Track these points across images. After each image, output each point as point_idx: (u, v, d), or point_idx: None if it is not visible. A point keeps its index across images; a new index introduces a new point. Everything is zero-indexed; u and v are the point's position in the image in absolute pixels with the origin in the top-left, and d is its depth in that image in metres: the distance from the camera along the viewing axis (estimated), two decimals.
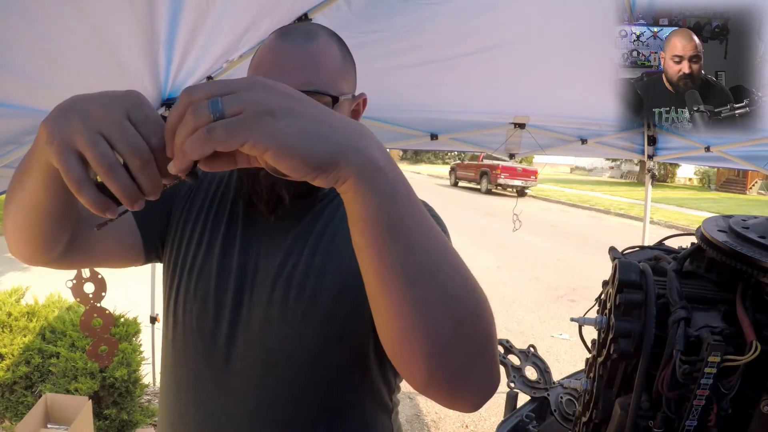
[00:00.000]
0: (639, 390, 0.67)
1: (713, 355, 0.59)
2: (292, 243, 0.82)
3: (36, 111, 1.68)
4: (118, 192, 0.44)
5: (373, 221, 0.46)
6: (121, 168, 0.44)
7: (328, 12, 2.20)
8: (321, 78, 0.75)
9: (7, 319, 2.98)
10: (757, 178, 21.07)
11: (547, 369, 1.50)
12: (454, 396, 0.54)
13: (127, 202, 0.44)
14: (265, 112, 0.40)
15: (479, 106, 3.11)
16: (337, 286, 0.78)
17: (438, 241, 0.50)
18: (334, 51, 0.78)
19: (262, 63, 0.76)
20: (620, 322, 0.70)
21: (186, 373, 0.83)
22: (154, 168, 0.44)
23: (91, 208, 0.45)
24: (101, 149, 0.43)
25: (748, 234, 0.68)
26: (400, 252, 0.47)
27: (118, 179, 0.43)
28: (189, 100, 0.41)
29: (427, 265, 0.48)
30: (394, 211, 0.46)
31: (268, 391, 0.78)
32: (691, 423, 0.62)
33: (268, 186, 0.78)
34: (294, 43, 0.75)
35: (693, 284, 0.72)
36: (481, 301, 0.53)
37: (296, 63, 0.74)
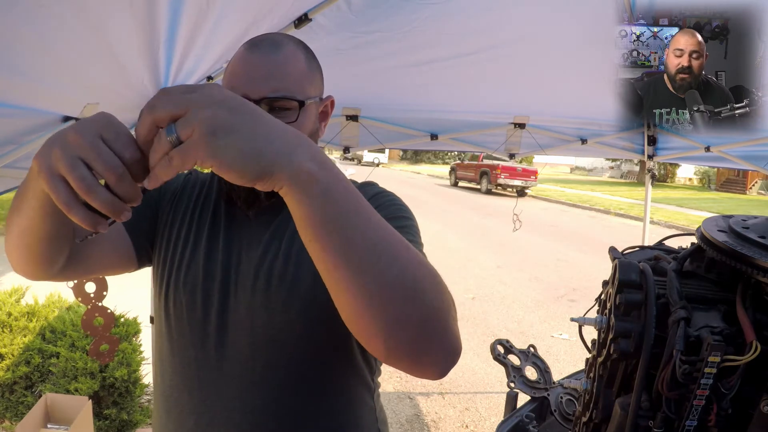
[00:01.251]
0: (639, 390, 0.67)
1: (713, 355, 0.59)
2: (272, 236, 0.88)
3: (36, 111, 1.68)
4: (101, 208, 0.49)
5: (310, 221, 0.52)
6: (98, 186, 0.49)
7: (328, 12, 2.20)
8: (287, 84, 0.82)
9: (7, 319, 2.98)
10: (757, 178, 21.08)
11: (547, 369, 1.50)
12: (416, 366, 0.60)
13: (113, 215, 0.50)
14: (210, 132, 0.47)
15: (479, 106, 3.11)
16: (314, 273, 0.79)
17: (377, 232, 0.55)
18: (300, 59, 0.85)
19: (234, 74, 0.83)
20: (620, 322, 0.70)
21: (179, 362, 0.89)
22: (129, 179, 0.50)
23: (82, 225, 0.50)
24: (78, 172, 0.49)
25: (748, 234, 0.68)
26: (339, 246, 0.53)
27: (99, 196, 0.49)
28: (152, 119, 0.48)
29: (367, 255, 0.54)
30: (328, 212, 0.52)
31: (255, 373, 0.84)
32: (691, 423, 0.62)
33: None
34: (261, 53, 0.82)
35: (693, 284, 0.72)
36: (427, 277, 0.58)
37: (264, 72, 0.81)
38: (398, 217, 0.87)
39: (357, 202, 0.55)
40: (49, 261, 0.75)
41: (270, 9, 2.10)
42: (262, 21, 2.15)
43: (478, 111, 3.14)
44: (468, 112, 3.14)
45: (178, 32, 1.90)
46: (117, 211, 0.50)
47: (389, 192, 0.95)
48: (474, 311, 5.60)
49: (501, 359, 1.47)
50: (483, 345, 4.63)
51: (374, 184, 0.98)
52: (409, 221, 0.88)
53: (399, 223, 0.84)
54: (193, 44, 2.06)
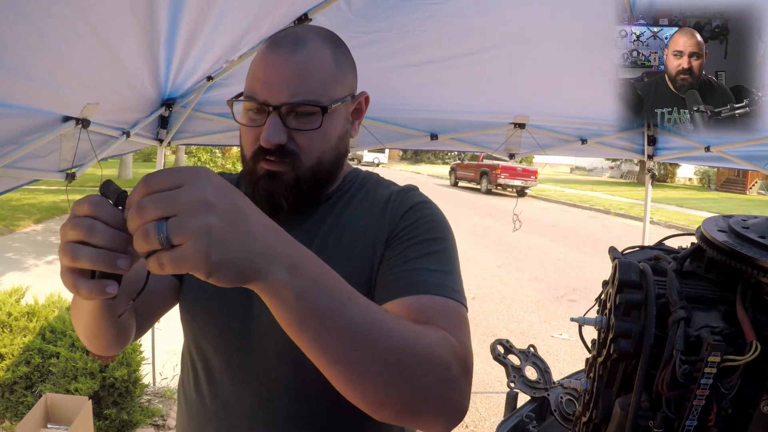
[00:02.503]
0: (639, 390, 0.66)
1: (713, 355, 0.59)
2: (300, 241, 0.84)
3: (36, 111, 1.68)
4: (90, 264, 0.50)
5: (283, 321, 0.55)
6: (82, 246, 0.50)
7: (328, 12, 2.20)
8: (309, 87, 0.77)
9: (7, 319, 2.98)
10: (757, 178, 21.08)
11: (547, 369, 1.50)
12: (414, 427, 0.63)
13: (108, 267, 0.50)
14: (205, 248, 0.47)
15: (479, 106, 3.11)
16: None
17: (355, 327, 0.56)
18: (325, 56, 0.80)
19: (254, 78, 0.80)
20: (620, 322, 0.70)
21: (201, 367, 0.87)
22: (103, 230, 0.51)
23: (95, 296, 0.51)
24: (64, 249, 0.51)
25: (748, 234, 0.68)
26: (313, 343, 0.56)
27: (83, 253, 0.50)
28: (142, 222, 0.47)
29: (344, 350, 0.56)
30: (301, 315, 0.54)
31: (277, 384, 0.82)
32: (691, 423, 0.62)
33: (267, 195, 0.81)
34: (280, 54, 0.78)
35: (693, 284, 0.72)
36: (414, 359, 0.59)
37: (282, 76, 0.77)
38: (430, 240, 0.80)
39: (334, 301, 0.56)
40: (122, 341, 0.81)
41: (270, 9, 2.10)
42: (262, 21, 2.15)
43: (478, 111, 3.14)
44: (468, 112, 3.14)
45: (178, 32, 1.90)
46: (109, 263, 0.50)
47: (429, 204, 0.87)
48: (474, 311, 5.60)
49: (501, 359, 1.47)
50: (483, 345, 4.63)
51: (414, 192, 0.90)
52: (443, 244, 0.81)
53: (429, 248, 0.79)
54: (193, 44, 2.06)
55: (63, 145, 1.94)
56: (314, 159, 0.81)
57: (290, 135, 0.79)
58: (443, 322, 0.68)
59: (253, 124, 0.81)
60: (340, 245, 0.83)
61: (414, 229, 0.81)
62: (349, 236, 0.84)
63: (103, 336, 0.77)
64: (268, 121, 0.77)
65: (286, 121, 0.78)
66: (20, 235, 8.19)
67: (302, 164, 0.80)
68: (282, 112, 0.77)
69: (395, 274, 0.76)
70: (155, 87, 2.37)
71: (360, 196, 0.89)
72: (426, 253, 0.78)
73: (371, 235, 0.83)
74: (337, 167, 0.87)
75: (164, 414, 3.30)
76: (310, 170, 0.81)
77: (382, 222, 0.84)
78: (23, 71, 1.41)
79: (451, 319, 0.70)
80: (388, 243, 0.81)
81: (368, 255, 0.82)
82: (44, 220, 9.40)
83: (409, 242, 0.79)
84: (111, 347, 0.81)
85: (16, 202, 10.59)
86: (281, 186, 0.80)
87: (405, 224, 0.82)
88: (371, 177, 0.94)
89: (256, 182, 0.82)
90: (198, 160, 10.53)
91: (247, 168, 0.84)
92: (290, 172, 0.80)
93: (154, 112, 2.61)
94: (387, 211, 0.85)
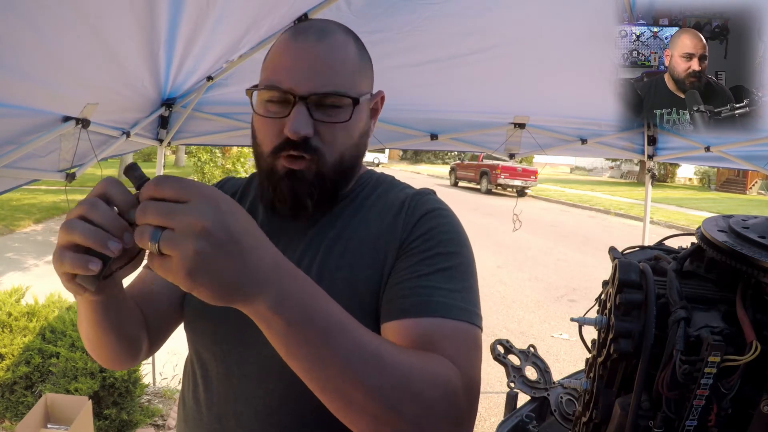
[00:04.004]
0: (639, 390, 0.66)
1: (713, 355, 0.59)
2: (307, 246, 0.81)
3: (36, 111, 1.68)
4: (83, 239, 0.52)
5: (272, 342, 0.56)
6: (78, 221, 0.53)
7: (328, 12, 2.20)
8: (338, 79, 0.74)
9: (7, 319, 2.98)
10: (757, 178, 21.07)
11: (547, 369, 1.50)
12: None
13: (99, 246, 0.52)
14: (187, 269, 0.49)
15: (479, 106, 3.11)
16: (349, 291, 0.76)
17: (343, 357, 0.56)
18: (352, 49, 0.77)
19: (276, 65, 0.74)
20: (620, 322, 0.70)
21: (201, 375, 0.84)
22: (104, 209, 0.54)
23: (77, 269, 0.53)
24: (63, 227, 0.53)
25: (748, 234, 0.68)
26: (300, 369, 0.57)
27: (78, 226, 0.52)
28: (142, 220, 0.50)
29: (330, 378, 0.57)
30: (288, 343, 0.56)
31: (275, 397, 0.78)
32: (691, 423, 0.62)
33: (291, 195, 0.77)
34: (308, 42, 0.73)
35: (693, 284, 0.72)
36: (408, 392, 0.59)
37: (311, 64, 0.72)
38: (444, 254, 0.75)
39: (323, 333, 0.56)
40: (132, 354, 0.79)
41: (270, 9, 2.10)
42: (262, 21, 2.15)
43: (478, 111, 3.14)
44: (468, 112, 3.14)
45: (178, 32, 1.90)
46: (101, 242, 0.52)
47: (445, 212, 0.81)
48: None
49: (501, 359, 1.47)
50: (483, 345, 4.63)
51: (430, 196, 0.84)
52: (457, 258, 0.76)
53: (443, 263, 0.74)
54: (193, 44, 2.06)
55: (63, 145, 1.94)
56: (337, 155, 0.77)
57: (315, 128, 0.74)
58: (450, 349, 0.67)
59: (273, 116, 0.75)
60: (347, 253, 0.79)
61: (427, 240, 0.76)
62: (358, 243, 0.79)
63: (106, 346, 0.75)
64: (295, 111, 0.72)
65: (312, 113, 0.73)
66: (20, 235, 8.19)
67: (325, 160, 0.76)
68: (309, 103, 0.73)
69: (405, 290, 0.72)
70: (155, 87, 2.37)
71: (372, 200, 0.84)
72: (439, 269, 0.73)
73: (382, 242, 0.78)
74: (356, 166, 0.84)
75: (164, 414, 3.30)
76: (331, 167, 0.77)
77: (394, 228, 0.79)
78: (23, 71, 1.41)
79: (458, 345, 0.68)
80: (400, 252, 0.77)
81: (378, 263, 0.77)
82: (44, 220, 9.39)
83: (422, 255, 0.75)
84: (118, 359, 0.78)
85: (16, 202, 10.58)
86: (305, 184, 0.76)
87: (418, 233, 0.77)
88: (385, 179, 0.89)
89: (278, 182, 0.77)
90: (198, 160, 10.51)
91: (266, 165, 0.78)
92: (311, 168, 0.76)
93: (154, 112, 2.61)
94: (400, 217, 0.80)
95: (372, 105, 0.84)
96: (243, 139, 3.24)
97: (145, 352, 0.83)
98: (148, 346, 0.83)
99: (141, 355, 0.82)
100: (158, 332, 0.85)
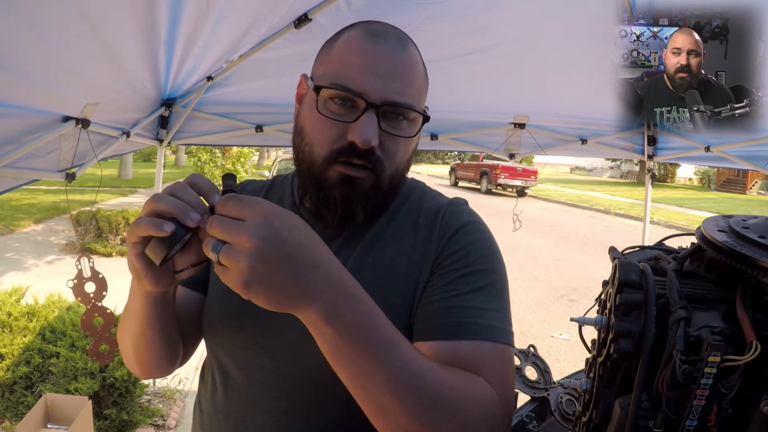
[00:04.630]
0: (639, 390, 0.66)
1: (713, 355, 0.59)
2: (337, 252, 0.76)
3: (36, 111, 1.68)
4: (168, 209, 0.57)
5: (320, 346, 0.60)
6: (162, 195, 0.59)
7: (328, 12, 2.20)
8: (411, 92, 0.72)
9: (7, 319, 2.98)
10: (757, 178, 21.08)
11: (547, 369, 1.50)
12: None
13: (183, 215, 0.57)
14: (243, 282, 0.53)
15: (479, 106, 3.11)
16: (381, 300, 0.72)
17: (387, 372, 0.59)
18: (421, 64, 0.76)
19: (350, 64, 0.71)
20: (620, 322, 0.70)
21: (220, 381, 0.83)
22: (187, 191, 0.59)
23: (152, 230, 0.56)
24: (150, 200, 0.59)
25: (748, 234, 0.68)
26: (344, 376, 0.60)
27: (162, 199, 0.58)
28: (209, 231, 0.56)
29: (372, 390, 0.60)
30: (336, 352, 0.59)
31: (297, 406, 0.76)
32: (691, 423, 0.62)
33: (344, 203, 0.74)
34: (387, 47, 0.71)
35: (693, 284, 0.72)
36: (446, 411, 0.61)
37: (391, 70, 0.70)
38: (480, 271, 0.74)
39: (371, 347, 0.59)
40: (171, 358, 0.80)
41: (270, 9, 2.09)
42: (262, 21, 2.15)
43: (478, 111, 3.14)
44: (468, 112, 3.14)
45: (178, 32, 1.89)
46: (184, 211, 0.57)
47: (479, 226, 0.81)
48: None
49: None
50: None
51: (464, 207, 0.83)
52: (493, 276, 0.75)
53: (479, 282, 0.73)
54: (193, 44, 2.06)
55: (63, 145, 1.94)
56: (394, 168, 0.75)
57: (380, 138, 0.71)
58: (487, 371, 0.68)
59: (337, 117, 0.71)
60: (381, 265, 0.77)
61: (463, 258, 0.75)
62: (391, 255, 0.77)
63: (152, 348, 0.75)
64: (366, 118, 0.69)
65: (379, 122, 0.70)
66: (20, 235, 8.19)
67: (384, 172, 0.73)
68: (379, 111, 0.70)
69: (442, 310, 0.72)
70: (155, 87, 2.37)
71: (406, 208, 0.82)
72: (475, 288, 0.73)
73: (417, 255, 0.77)
74: (406, 180, 0.83)
75: (164, 414, 3.30)
76: (388, 179, 0.75)
77: (429, 241, 0.78)
78: (23, 71, 1.41)
79: (495, 367, 0.69)
80: (435, 267, 0.76)
81: (413, 277, 0.76)
82: (44, 220, 9.40)
83: (458, 272, 0.74)
84: (160, 363, 0.79)
85: (16, 202, 10.59)
86: (360, 194, 0.73)
87: (454, 248, 0.76)
88: (416, 185, 0.87)
89: (331, 187, 0.73)
90: (198, 160, 10.52)
91: (317, 169, 0.73)
92: (369, 178, 0.73)
93: (154, 112, 2.61)
94: (435, 229, 0.78)
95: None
96: (243, 139, 3.24)
97: (180, 358, 0.84)
98: (183, 353, 0.84)
99: (178, 361, 0.83)
100: (190, 342, 0.86)
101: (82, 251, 2.71)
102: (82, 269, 2.03)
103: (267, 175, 11.97)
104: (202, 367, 0.90)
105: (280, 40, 2.30)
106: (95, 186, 10.70)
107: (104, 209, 8.28)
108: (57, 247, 7.53)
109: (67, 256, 6.96)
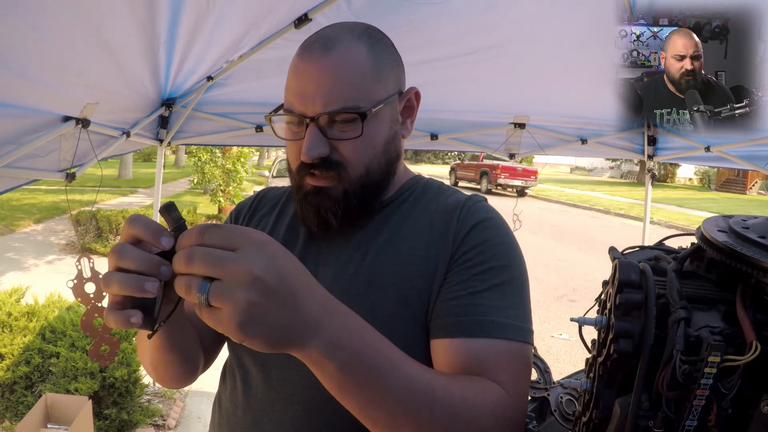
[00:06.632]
0: (639, 390, 0.66)
1: (713, 355, 0.59)
2: (353, 253, 0.80)
3: (36, 111, 1.68)
4: (120, 288, 0.52)
5: (323, 383, 0.58)
6: (113, 272, 0.53)
7: (328, 12, 2.20)
8: (343, 94, 0.72)
9: (7, 319, 2.98)
10: (757, 178, 21.08)
11: (547, 369, 1.49)
12: None
13: (138, 291, 0.52)
14: (239, 322, 0.48)
15: (479, 106, 3.11)
16: (398, 298, 0.75)
17: (395, 395, 0.58)
18: (360, 56, 0.74)
19: (288, 89, 0.75)
20: (620, 322, 0.70)
21: (240, 378, 0.84)
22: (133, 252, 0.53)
23: (121, 326, 0.53)
24: (103, 282, 0.54)
25: (748, 234, 0.68)
26: (351, 407, 0.59)
27: (112, 277, 0.52)
28: (188, 270, 0.49)
29: (382, 416, 0.59)
30: (339, 385, 0.57)
31: (315, 402, 0.76)
32: (691, 423, 0.62)
33: (314, 211, 0.77)
34: (311, 59, 0.73)
35: (693, 284, 0.72)
36: (457, 427, 0.61)
37: (315, 84, 0.72)
38: (498, 267, 0.75)
39: (375, 372, 0.57)
40: (191, 371, 0.81)
41: (270, 9, 2.10)
42: (262, 21, 2.15)
43: (478, 111, 3.14)
44: (468, 112, 3.14)
45: (178, 32, 1.90)
46: (137, 286, 0.51)
47: (497, 222, 0.80)
48: None
49: None
50: None
51: (482, 203, 0.82)
52: (511, 272, 0.76)
53: (497, 278, 0.74)
54: (193, 44, 2.06)
55: (63, 145, 1.94)
56: (361, 168, 0.76)
57: (333, 146, 0.74)
58: (501, 372, 0.68)
59: (295, 138, 0.76)
60: (397, 260, 0.77)
61: (481, 253, 0.75)
62: (408, 250, 0.78)
63: (170, 368, 0.76)
64: (307, 133, 0.72)
65: (326, 132, 0.73)
66: (20, 235, 8.19)
67: (349, 175, 0.75)
68: (320, 123, 0.72)
69: (458, 307, 0.72)
70: (155, 87, 2.37)
71: (422, 205, 0.83)
72: (493, 284, 0.73)
73: (434, 251, 0.77)
74: (389, 174, 0.81)
75: (164, 414, 3.30)
76: (358, 181, 0.76)
77: (446, 237, 0.77)
78: (23, 71, 1.41)
79: (509, 367, 0.69)
80: (452, 263, 0.76)
81: (429, 272, 0.76)
82: (44, 220, 9.40)
83: (476, 269, 0.74)
84: (179, 378, 0.80)
85: (16, 202, 10.59)
86: (329, 201, 0.76)
87: (471, 244, 0.76)
88: (433, 185, 0.88)
89: (303, 198, 0.78)
90: (198, 160, 10.51)
91: (294, 183, 0.80)
92: (338, 185, 0.75)
93: (154, 111, 2.61)
94: (452, 225, 0.78)
95: (404, 103, 0.82)
96: (243, 139, 3.24)
97: (202, 366, 0.85)
98: (205, 360, 0.85)
99: (199, 370, 0.84)
100: (211, 348, 0.86)
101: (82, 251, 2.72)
102: (82, 269, 2.03)
103: (267, 175, 11.97)
104: (223, 367, 0.91)
105: (280, 40, 2.30)
106: (95, 186, 10.71)
107: (104, 209, 8.28)
108: (57, 247, 7.53)
109: (67, 256, 6.96)
